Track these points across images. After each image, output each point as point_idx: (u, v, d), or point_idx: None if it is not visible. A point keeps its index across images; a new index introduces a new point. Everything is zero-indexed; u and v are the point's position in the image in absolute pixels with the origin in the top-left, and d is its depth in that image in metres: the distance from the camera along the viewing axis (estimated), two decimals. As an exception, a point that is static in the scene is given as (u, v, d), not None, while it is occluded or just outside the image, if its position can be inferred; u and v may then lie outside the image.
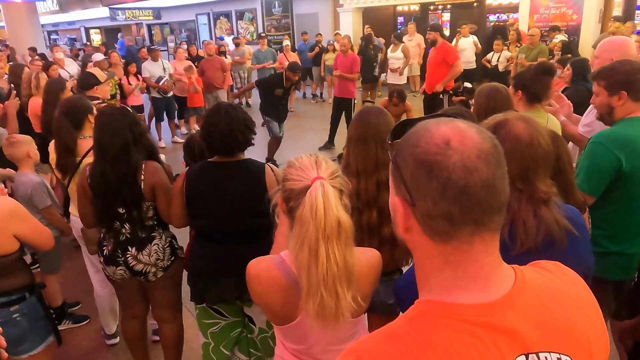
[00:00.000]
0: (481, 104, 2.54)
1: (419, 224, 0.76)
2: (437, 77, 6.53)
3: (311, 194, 1.28)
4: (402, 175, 0.76)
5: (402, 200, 0.77)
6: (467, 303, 0.74)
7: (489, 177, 0.71)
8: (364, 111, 2.13)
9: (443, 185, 0.70)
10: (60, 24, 23.14)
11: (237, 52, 10.63)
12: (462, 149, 0.71)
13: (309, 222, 1.26)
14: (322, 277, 1.26)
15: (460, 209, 0.71)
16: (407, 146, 0.76)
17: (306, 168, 1.36)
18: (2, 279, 1.99)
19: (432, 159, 0.71)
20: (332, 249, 1.26)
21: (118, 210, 2.35)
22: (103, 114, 2.33)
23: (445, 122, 0.76)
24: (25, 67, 5.57)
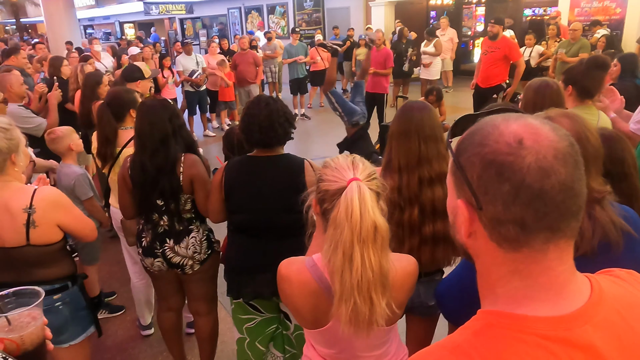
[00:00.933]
0: (529, 98, 2.42)
1: (485, 230, 0.70)
2: (495, 72, 6.35)
3: (347, 196, 1.22)
4: (466, 176, 0.69)
5: (466, 203, 0.71)
6: (539, 316, 0.68)
7: (567, 179, 0.65)
8: (407, 106, 2.07)
9: (516, 189, 0.64)
10: (95, 19, 23.66)
11: (269, 47, 10.63)
12: (536, 148, 0.65)
13: (344, 225, 1.21)
14: (356, 282, 1.21)
15: (535, 214, 0.65)
16: (473, 145, 0.70)
17: (342, 169, 1.31)
18: (46, 267, 2.01)
19: (503, 159, 0.65)
20: (368, 253, 1.21)
21: (156, 201, 2.35)
22: (144, 105, 2.34)
23: (515, 119, 0.69)
24: (64, 59, 5.67)
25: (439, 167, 1.93)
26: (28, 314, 1.15)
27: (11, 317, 1.13)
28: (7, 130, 1.89)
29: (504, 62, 6.31)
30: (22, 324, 1.14)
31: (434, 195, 1.93)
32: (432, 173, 1.93)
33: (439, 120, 2.10)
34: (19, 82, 4.09)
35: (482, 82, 6.56)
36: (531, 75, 8.39)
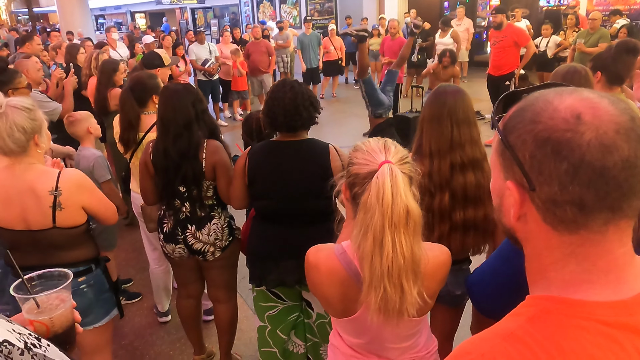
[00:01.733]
0: None
1: (537, 212, 0.66)
2: (506, 60, 6.36)
3: (378, 179, 1.18)
4: (517, 156, 0.65)
5: (517, 185, 0.67)
6: (599, 301, 0.64)
7: (630, 155, 0.60)
8: (440, 90, 2.02)
9: (575, 167, 0.60)
10: (107, 8, 23.71)
11: (281, 36, 10.57)
12: (596, 123, 0.60)
13: (375, 209, 1.16)
14: (386, 269, 1.17)
15: (596, 194, 0.61)
16: (524, 122, 0.65)
17: (374, 152, 1.26)
18: (71, 250, 2.00)
19: (560, 136, 0.61)
20: (399, 238, 1.16)
21: (179, 187, 2.33)
22: (167, 89, 2.31)
23: (569, 93, 0.65)
24: (81, 47, 5.67)
25: (471, 152, 1.89)
26: (57, 296, 1.13)
27: (40, 300, 1.10)
28: (30, 110, 1.87)
29: (514, 49, 6.35)
30: (51, 307, 1.12)
31: (465, 180, 1.88)
32: (464, 158, 1.88)
33: (472, 104, 2.05)
34: (35, 68, 4.09)
35: (493, 70, 6.57)
36: (548, 66, 8.30)
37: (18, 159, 1.87)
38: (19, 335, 0.81)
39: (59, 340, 1.11)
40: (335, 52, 10.33)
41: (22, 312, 1.11)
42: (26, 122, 1.82)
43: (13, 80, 3.31)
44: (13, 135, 1.80)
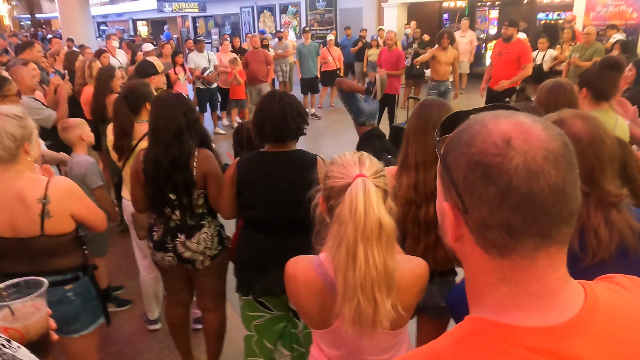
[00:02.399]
0: (542, 99, 2.40)
1: (471, 234, 0.66)
2: (507, 75, 6.30)
3: (351, 192, 1.20)
4: (452, 178, 0.66)
5: (452, 206, 0.68)
6: (527, 326, 0.64)
7: (558, 182, 0.60)
8: (425, 103, 2.05)
9: (502, 192, 0.60)
10: (109, 16, 23.87)
11: (280, 46, 10.65)
12: (525, 148, 0.61)
13: (348, 221, 1.18)
14: (359, 281, 1.18)
15: (523, 219, 0.61)
16: (460, 144, 0.66)
17: (349, 165, 1.28)
18: (59, 257, 2.02)
19: (490, 160, 0.61)
20: (372, 251, 1.18)
21: (169, 196, 2.35)
22: (159, 99, 2.34)
23: (505, 117, 0.65)
24: (80, 54, 5.71)
25: None
26: (32, 304, 1.14)
27: (14, 307, 1.12)
28: (21, 118, 1.90)
29: (517, 64, 6.24)
30: (25, 314, 1.13)
31: None
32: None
33: None
34: (30, 75, 4.11)
35: (494, 84, 6.50)
36: (544, 79, 8.33)
37: (7, 167, 1.89)
38: None
39: (34, 348, 1.12)
40: (334, 62, 10.41)
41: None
42: (16, 129, 1.85)
43: (2, 88, 3.33)
44: (3, 142, 1.82)
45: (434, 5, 14.31)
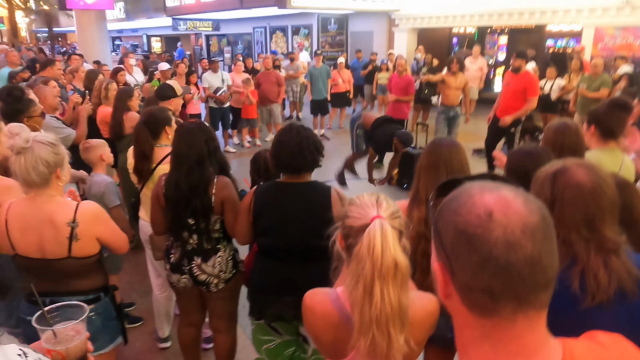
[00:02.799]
0: (549, 138, 2.49)
1: (457, 294, 0.74)
2: (513, 105, 6.38)
3: (369, 233, 1.28)
4: (442, 241, 0.74)
5: (442, 267, 0.75)
6: None
7: (533, 254, 0.68)
8: (436, 142, 2.17)
9: (483, 260, 0.68)
10: (124, 31, 24.36)
11: (292, 67, 10.86)
12: (505, 222, 0.68)
13: (366, 260, 1.26)
14: (375, 317, 1.25)
15: (502, 285, 0.68)
16: (448, 212, 0.74)
17: (367, 206, 1.36)
18: (82, 279, 2.10)
19: (473, 231, 0.69)
20: (387, 289, 1.25)
21: (188, 220, 2.45)
22: (183, 127, 2.45)
23: (490, 190, 0.73)
24: (100, 73, 5.88)
25: None
26: (72, 327, 1.24)
27: (57, 330, 1.21)
28: (54, 145, 2.01)
29: (523, 95, 6.30)
30: (67, 337, 1.23)
31: None
32: None
33: (466, 156, 2.18)
34: (53, 94, 4.26)
35: (501, 114, 6.57)
36: (551, 108, 8.48)
37: (40, 191, 2.00)
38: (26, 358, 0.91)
39: None
40: (344, 85, 10.58)
41: (40, 340, 1.22)
42: (50, 156, 1.96)
43: (29, 109, 3.46)
44: (37, 168, 1.93)
45: (444, 30, 14.52)
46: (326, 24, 14.97)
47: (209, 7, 14.14)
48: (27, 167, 1.92)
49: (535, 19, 11.37)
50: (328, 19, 14.95)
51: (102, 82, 5.04)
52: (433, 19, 13.13)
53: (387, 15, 14.08)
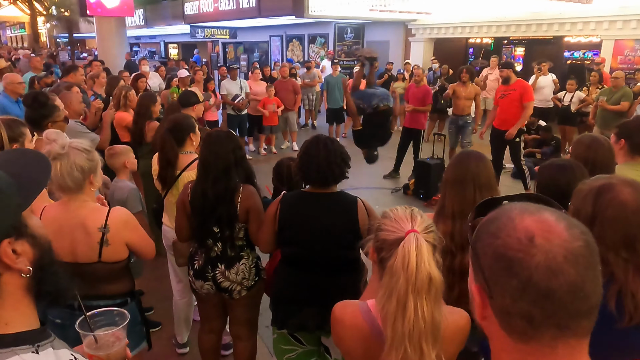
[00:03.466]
0: (580, 154, 2.47)
1: (495, 317, 0.72)
2: (511, 114, 6.38)
3: (404, 247, 1.28)
4: (480, 264, 0.72)
5: (480, 289, 0.74)
6: None
7: (576, 281, 0.65)
8: (463, 155, 2.16)
9: (523, 285, 0.66)
10: (142, 37, 24.72)
11: (308, 75, 10.93)
12: (547, 247, 0.66)
13: (400, 274, 1.26)
14: (407, 331, 1.25)
15: (542, 312, 0.66)
16: (488, 235, 0.72)
17: (401, 220, 1.37)
18: (111, 283, 2.13)
19: (513, 255, 0.67)
20: (421, 303, 1.25)
21: (212, 228, 2.47)
22: (210, 136, 2.48)
23: (530, 213, 0.71)
24: (121, 79, 5.98)
25: None
26: (113, 333, 1.26)
27: (98, 336, 1.24)
28: (89, 152, 2.06)
29: (520, 103, 6.31)
30: (107, 343, 1.25)
31: None
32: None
33: (493, 169, 2.17)
34: (78, 100, 4.34)
35: (499, 124, 6.54)
36: (570, 120, 8.41)
37: (73, 197, 2.04)
38: None
39: None
40: (360, 94, 10.59)
41: (82, 345, 1.25)
42: (85, 162, 2.00)
43: (53, 114, 3.53)
44: (72, 174, 1.97)
45: (460, 41, 14.52)
46: (343, 33, 15.06)
47: (228, 15, 14.32)
48: (62, 172, 1.97)
49: (554, 30, 11.33)
50: (345, 28, 15.03)
51: (122, 89, 5.13)
52: (450, 29, 13.15)
53: (404, 25, 14.13)
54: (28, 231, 0.89)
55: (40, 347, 0.87)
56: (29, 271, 0.88)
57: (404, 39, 14.45)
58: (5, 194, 0.85)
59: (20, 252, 0.87)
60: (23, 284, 0.88)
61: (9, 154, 1.03)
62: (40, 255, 0.91)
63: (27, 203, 0.90)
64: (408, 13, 11.63)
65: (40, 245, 0.91)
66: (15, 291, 0.87)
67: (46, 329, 0.93)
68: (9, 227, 0.85)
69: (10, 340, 0.84)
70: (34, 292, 0.91)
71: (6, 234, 0.84)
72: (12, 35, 37.52)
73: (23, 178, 0.90)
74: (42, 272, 0.91)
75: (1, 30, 39.39)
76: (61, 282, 0.96)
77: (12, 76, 5.21)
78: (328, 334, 2.31)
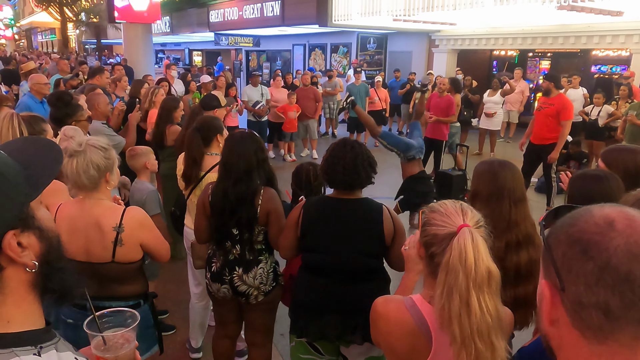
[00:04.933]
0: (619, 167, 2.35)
1: (567, 315, 0.65)
2: (546, 129, 6.18)
3: (459, 241, 1.24)
4: (552, 255, 0.67)
5: (550, 285, 0.68)
6: None
7: None
8: (495, 165, 2.05)
9: (600, 268, 0.60)
10: (167, 44, 25.14)
11: (330, 84, 10.92)
12: (628, 232, 0.61)
13: (458, 270, 1.22)
14: (475, 328, 1.21)
15: (621, 301, 0.60)
16: (563, 225, 0.68)
17: (452, 214, 1.33)
18: (124, 284, 2.09)
19: (590, 238, 0.63)
20: (484, 298, 1.22)
21: (232, 230, 2.42)
22: (234, 136, 2.44)
23: (611, 206, 0.67)
24: (145, 83, 6.04)
25: (525, 229, 1.90)
26: (122, 335, 1.20)
27: (107, 337, 1.18)
28: (106, 150, 2.03)
29: (556, 120, 6.06)
30: (116, 345, 1.19)
31: (519, 260, 1.88)
32: (520, 236, 1.89)
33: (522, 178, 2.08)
34: (105, 102, 4.38)
35: (535, 139, 6.35)
36: (598, 134, 8.20)
37: (89, 195, 2.01)
38: None
39: None
40: (380, 103, 10.56)
41: (90, 346, 1.19)
42: (101, 160, 1.97)
43: (76, 113, 3.58)
44: (88, 172, 1.94)
45: (485, 52, 14.36)
46: (365, 42, 15.05)
47: (252, 23, 14.45)
48: (78, 170, 1.94)
49: (581, 43, 11.10)
50: (367, 38, 15.02)
51: (151, 89, 5.20)
52: (474, 40, 13.02)
53: (427, 36, 14.05)
54: (35, 223, 0.83)
55: (43, 348, 0.81)
56: (34, 266, 0.82)
57: (427, 50, 14.35)
58: (12, 183, 0.79)
59: (26, 245, 0.81)
60: (28, 279, 0.83)
61: (20, 142, 0.98)
62: (48, 249, 0.85)
63: (36, 193, 0.84)
64: (432, 24, 11.52)
65: (47, 238, 0.85)
66: (19, 287, 0.82)
67: (50, 329, 0.87)
68: (15, 218, 0.79)
69: (10, 340, 0.78)
70: (39, 289, 0.85)
71: (11, 225, 0.79)
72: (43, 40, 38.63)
73: (33, 167, 0.85)
74: (48, 268, 0.85)
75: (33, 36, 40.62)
76: (69, 280, 0.89)
77: (38, 77, 5.29)
78: (348, 344, 2.23)
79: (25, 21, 35.16)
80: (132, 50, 13.58)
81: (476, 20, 11.15)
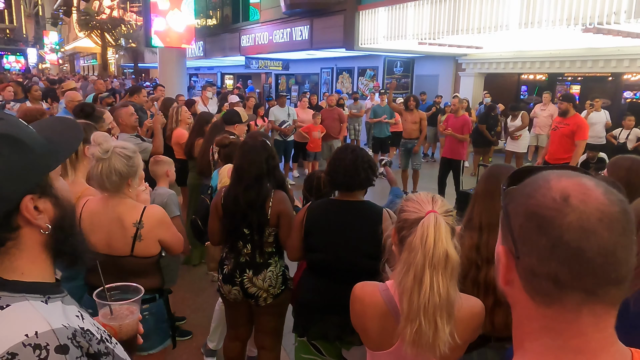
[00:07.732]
0: (622, 177, 2.37)
1: (520, 280, 0.70)
2: (562, 149, 6.18)
3: (423, 224, 1.34)
4: (510, 224, 0.71)
5: (507, 251, 0.72)
6: None
7: (608, 244, 0.63)
8: (495, 168, 2.16)
9: (552, 244, 0.64)
10: (201, 68, 26.03)
11: (355, 106, 11.10)
12: (581, 208, 0.64)
13: (418, 249, 1.31)
14: (423, 305, 1.29)
15: (569, 272, 0.63)
16: (522, 195, 0.71)
17: (422, 202, 1.43)
18: (141, 278, 2.20)
19: (545, 213, 0.66)
20: (437, 278, 1.30)
21: (243, 230, 2.54)
22: (246, 144, 2.58)
23: (568, 176, 0.69)
24: (174, 101, 6.33)
25: None
26: (127, 307, 1.33)
27: (113, 308, 1.31)
28: (130, 157, 2.19)
29: (571, 140, 6.06)
30: (121, 315, 1.32)
31: None
32: None
33: None
34: (128, 114, 4.57)
35: (550, 158, 6.32)
36: (626, 158, 7.98)
37: (112, 195, 2.18)
38: (97, 329, 0.99)
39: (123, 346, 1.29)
40: (402, 125, 10.65)
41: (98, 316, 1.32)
42: (123, 167, 2.13)
43: (97, 124, 3.78)
44: (110, 177, 2.11)
45: (512, 76, 14.29)
46: (392, 66, 15.24)
47: (281, 47, 14.87)
48: (102, 175, 2.12)
49: (611, 67, 10.96)
50: (394, 62, 15.21)
51: (173, 108, 5.46)
52: (501, 64, 13.00)
53: (454, 60, 14.12)
54: (52, 192, 0.94)
55: (51, 298, 0.92)
56: (47, 228, 0.92)
57: (454, 73, 14.40)
58: (36, 154, 0.91)
59: (42, 209, 0.92)
60: (42, 240, 0.93)
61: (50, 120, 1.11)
62: (62, 216, 0.96)
63: (56, 164, 0.97)
64: (458, 47, 11.61)
65: (62, 206, 0.96)
66: (34, 246, 0.93)
67: (59, 285, 0.98)
68: (34, 184, 0.91)
69: (23, 287, 0.89)
70: (52, 251, 0.96)
71: (30, 190, 0.90)
72: (85, 65, 40.54)
73: (56, 142, 0.97)
74: (62, 233, 0.95)
75: (75, 60, 42.70)
76: (80, 246, 1.00)
77: (72, 94, 5.62)
78: (348, 346, 2.29)
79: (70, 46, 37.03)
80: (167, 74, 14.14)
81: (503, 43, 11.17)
